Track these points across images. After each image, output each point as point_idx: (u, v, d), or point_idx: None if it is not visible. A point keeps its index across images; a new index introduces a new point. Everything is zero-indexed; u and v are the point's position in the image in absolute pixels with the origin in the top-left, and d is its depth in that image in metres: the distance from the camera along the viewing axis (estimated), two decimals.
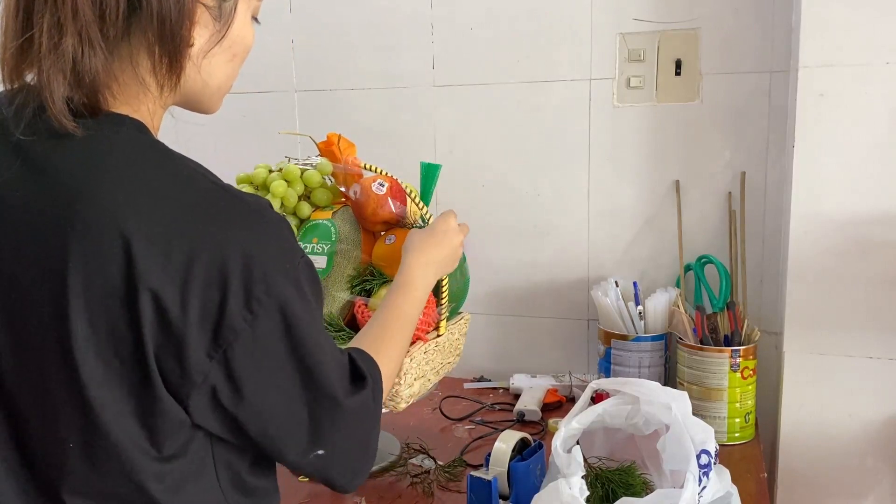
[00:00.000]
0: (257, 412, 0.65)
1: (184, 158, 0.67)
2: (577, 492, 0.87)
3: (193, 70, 0.68)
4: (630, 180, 1.47)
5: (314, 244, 1.16)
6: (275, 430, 0.67)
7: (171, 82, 0.66)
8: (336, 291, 1.14)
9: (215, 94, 0.73)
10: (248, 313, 0.61)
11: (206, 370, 0.61)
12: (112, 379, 0.60)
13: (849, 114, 1.18)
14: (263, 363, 0.64)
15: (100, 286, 0.58)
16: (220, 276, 0.60)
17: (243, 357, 0.62)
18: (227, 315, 0.60)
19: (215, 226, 0.61)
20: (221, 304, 0.60)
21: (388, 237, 1.16)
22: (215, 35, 0.68)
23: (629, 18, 1.41)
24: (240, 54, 0.73)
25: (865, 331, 1.22)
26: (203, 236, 0.60)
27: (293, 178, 1.16)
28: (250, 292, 0.61)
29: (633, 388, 0.98)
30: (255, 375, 0.64)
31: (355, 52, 1.60)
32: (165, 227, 0.59)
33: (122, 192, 0.60)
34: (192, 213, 0.61)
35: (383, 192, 1.15)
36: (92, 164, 0.62)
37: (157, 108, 0.70)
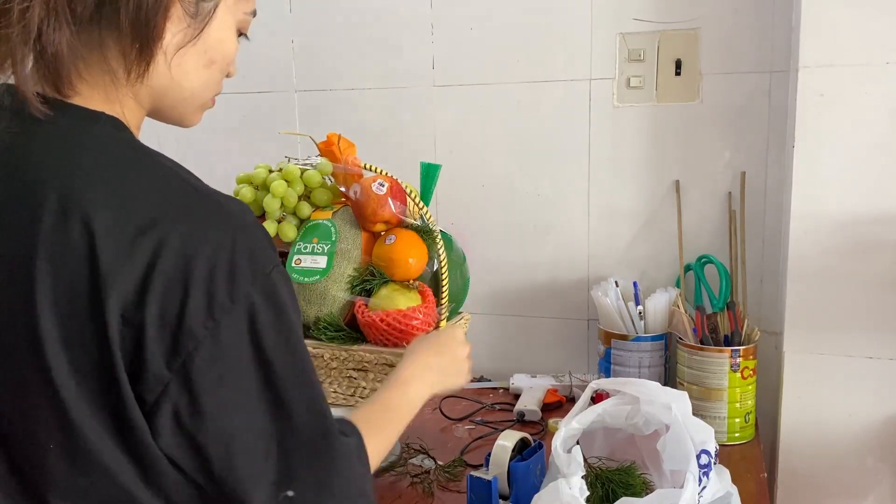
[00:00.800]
0: (219, 435, 0.59)
1: (160, 157, 0.65)
2: (578, 492, 0.87)
3: (164, 65, 0.66)
4: (630, 180, 1.47)
5: (314, 244, 1.16)
6: (239, 460, 0.60)
7: (139, 69, 0.65)
8: (336, 291, 1.14)
9: (189, 100, 0.71)
10: (210, 320, 0.58)
11: (164, 380, 0.57)
12: (83, 381, 0.57)
13: (849, 114, 1.18)
14: (227, 378, 0.59)
15: (66, 284, 0.57)
16: (182, 279, 0.57)
17: (204, 369, 0.58)
18: (186, 320, 0.57)
19: (182, 226, 0.59)
20: (182, 308, 0.57)
21: (389, 237, 1.16)
22: (188, 32, 0.66)
23: (629, 18, 1.41)
24: (218, 63, 0.71)
25: (865, 331, 1.22)
26: (168, 236, 0.58)
27: (293, 178, 1.16)
28: (213, 297, 0.58)
29: (633, 389, 0.98)
30: (218, 391, 0.59)
31: (355, 52, 1.60)
32: (132, 226, 0.58)
33: (92, 188, 0.59)
34: (160, 212, 0.59)
35: (383, 192, 1.15)
36: (64, 158, 0.61)
37: (129, 100, 0.68)
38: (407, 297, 1.12)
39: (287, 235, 1.16)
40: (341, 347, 1.11)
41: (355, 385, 1.13)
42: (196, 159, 1.74)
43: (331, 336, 1.12)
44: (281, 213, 1.17)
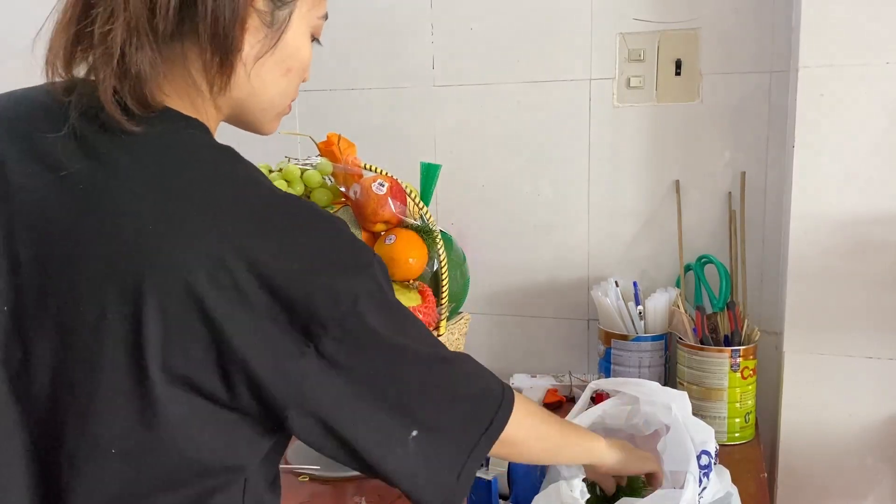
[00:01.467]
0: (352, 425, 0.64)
1: (248, 163, 0.68)
2: (578, 493, 0.87)
3: (244, 76, 0.68)
4: (630, 180, 1.47)
5: None
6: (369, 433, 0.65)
7: (221, 81, 0.66)
8: None
9: (268, 108, 0.73)
10: (336, 311, 0.61)
11: (302, 368, 0.61)
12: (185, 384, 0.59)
13: (849, 114, 1.18)
14: (366, 350, 0.63)
15: (180, 291, 0.58)
16: (306, 281, 0.60)
17: (340, 347, 0.62)
18: (315, 315, 0.60)
19: (294, 233, 0.62)
20: (309, 306, 0.60)
21: (389, 237, 1.16)
22: (266, 42, 0.67)
23: (629, 18, 1.41)
24: (295, 69, 0.72)
25: (865, 331, 1.22)
26: (283, 244, 0.61)
27: (293, 178, 1.16)
28: (337, 291, 0.61)
29: (633, 389, 0.98)
30: (361, 362, 0.63)
31: (355, 52, 1.60)
32: (247, 234, 0.60)
33: (195, 198, 0.60)
34: (272, 221, 0.62)
35: (383, 192, 1.15)
36: (161, 166, 0.62)
37: (211, 111, 0.69)
38: (407, 297, 1.12)
39: None
40: None
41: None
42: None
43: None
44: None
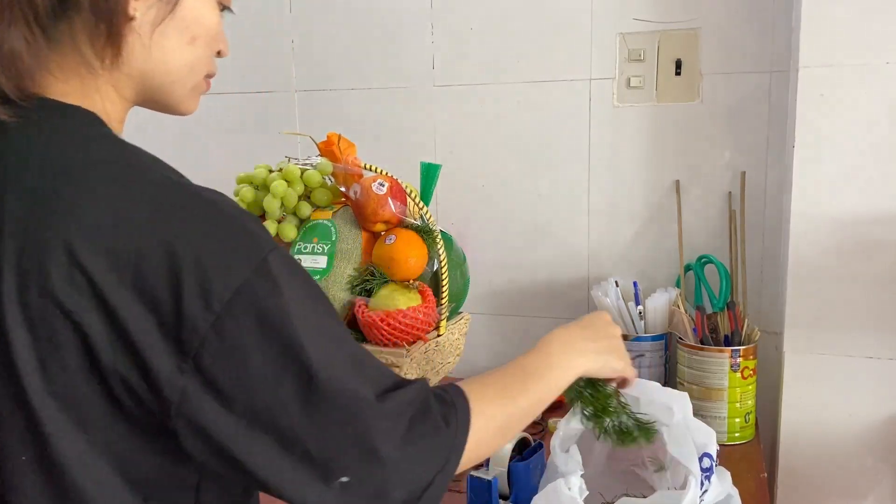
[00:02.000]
0: (251, 428, 0.57)
1: (136, 151, 0.63)
2: (577, 492, 0.87)
3: (142, 47, 0.64)
4: (630, 180, 1.47)
5: (314, 244, 1.16)
6: (269, 449, 0.57)
7: (112, 52, 0.63)
8: (336, 291, 1.14)
9: (178, 82, 0.69)
10: (209, 314, 0.55)
11: (180, 385, 0.55)
12: (57, 393, 0.55)
13: (849, 114, 1.18)
14: (244, 365, 0.56)
15: (36, 294, 0.54)
16: (172, 277, 0.55)
17: (218, 362, 0.56)
18: (186, 319, 0.55)
19: (164, 221, 0.56)
20: (177, 307, 0.55)
21: (389, 237, 1.16)
22: (162, 7, 0.64)
23: (629, 18, 1.41)
24: (201, 37, 0.68)
25: (865, 331, 1.22)
26: (150, 233, 0.56)
27: (293, 178, 1.16)
28: (209, 290, 0.55)
29: (634, 389, 0.98)
30: (238, 381, 0.56)
31: (355, 52, 1.59)
32: (110, 228, 0.55)
33: (65, 189, 0.57)
34: (139, 210, 0.57)
35: (384, 192, 1.15)
36: (33, 157, 0.59)
37: (109, 91, 0.65)
38: (407, 297, 1.12)
39: (287, 235, 1.16)
40: None
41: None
42: (196, 159, 1.74)
43: (350, 335, 1.12)
44: (281, 213, 1.18)
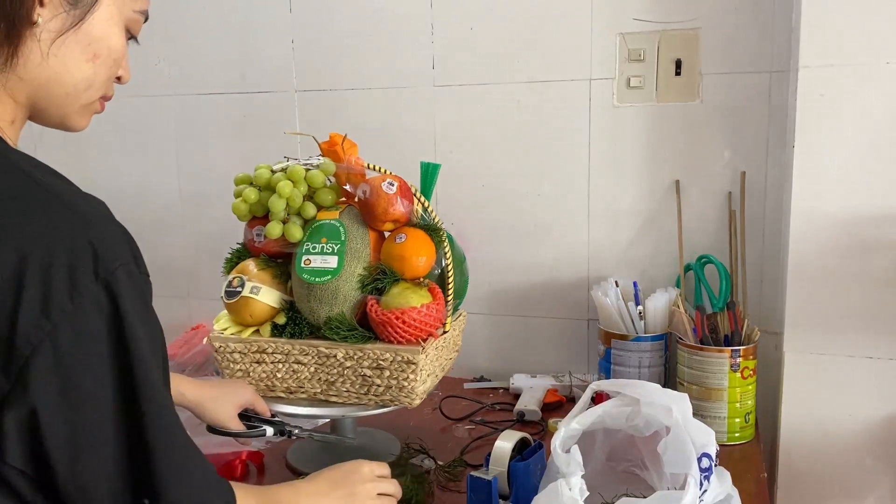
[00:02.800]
0: (66, 441, 0.56)
1: (9, 153, 0.62)
2: (577, 493, 0.87)
3: (40, 55, 0.64)
4: (630, 180, 1.47)
5: (323, 244, 1.16)
6: (85, 465, 0.57)
7: (7, 52, 0.62)
8: (348, 291, 1.14)
9: (71, 96, 0.68)
10: (45, 321, 0.54)
11: (4, 390, 0.54)
12: None
13: (849, 114, 1.18)
14: (70, 383, 0.56)
15: None
16: (14, 280, 0.54)
17: (43, 375, 0.55)
18: (20, 324, 0.54)
19: (13, 223, 0.55)
20: (14, 310, 0.54)
21: (399, 236, 1.17)
22: (66, 19, 0.64)
23: (629, 18, 1.41)
24: (102, 56, 0.68)
25: (865, 331, 1.22)
26: (2, 234, 0.55)
27: (298, 178, 1.16)
28: (49, 298, 0.54)
29: (634, 390, 0.98)
30: (61, 398, 0.55)
31: (355, 52, 1.59)
32: None
33: None
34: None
35: (393, 192, 1.16)
36: None
37: (1, 95, 0.65)
38: (419, 295, 1.14)
39: (293, 236, 1.16)
40: (356, 346, 1.12)
41: (369, 383, 1.13)
42: (195, 159, 1.74)
43: (343, 335, 1.12)
44: (285, 214, 1.17)
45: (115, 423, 0.59)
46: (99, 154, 1.79)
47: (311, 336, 1.16)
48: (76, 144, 1.77)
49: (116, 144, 1.77)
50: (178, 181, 1.77)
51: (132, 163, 1.78)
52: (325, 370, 1.14)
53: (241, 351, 1.16)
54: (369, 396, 1.14)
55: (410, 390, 1.12)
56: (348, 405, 1.16)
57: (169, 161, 1.76)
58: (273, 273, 1.19)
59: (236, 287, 1.16)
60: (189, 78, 1.71)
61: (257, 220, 1.21)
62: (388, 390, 1.13)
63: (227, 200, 1.22)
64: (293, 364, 1.15)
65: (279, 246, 1.19)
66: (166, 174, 1.77)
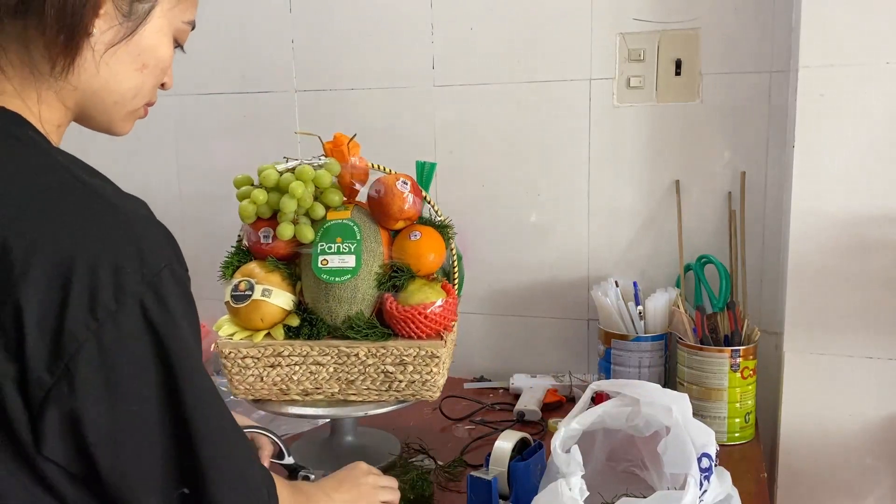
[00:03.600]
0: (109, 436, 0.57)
1: (53, 152, 0.63)
2: (577, 493, 0.87)
3: (93, 64, 0.66)
4: (630, 180, 1.47)
5: (339, 244, 1.16)
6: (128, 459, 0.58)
7: (64, 62, 0.64)
8: (366, 289, 1.15)
9: (119, 104, 0.70)
10: (92, 320, 0.55)
11: (46, 385, 0.55)
12: None
13: (849, 114, 1.18)
14: (114, 380, 0.57)
15: None
16: (63, 279, 0.55)
17: (89, 372, 0.56)
18: (67, 322, 0.55)
19: (62, 223, 0.57)
20: (61, 310, 0.55)
21: (413, 233, 1.18)
22: (120, 31, 0.66)
23: (629, 18, 1.41)
24: (150, 66, 0.70)
25: (865, 331, 1.22)
26: (45, 232, 0.56)
27: (306, 178, 1.16)
28: (96, 298, 0.55)
29: (634, 390, 0.98)
30: (105, 395, 0.57)
31: (355, 52, 1.59)
32: (6, 225, 0.56)
33: None
34: (38, 210, 0.57)
35: (408, 190, 1.17)
36: None
37: (51, 97, 0.66)
38: (436, 291, 1.15)
39: (305, 237, 1.16)
40: (378, 344, 1.12)
41: (391, 379, 1.13)
42: (195, 159, 1.74)
43: (364, 333, 1.12)
44: (295, 215, 1.17)
45: (161, 416, 0.60)
46: (99, 154, 1.79)
47: (328, 336, 1.16)
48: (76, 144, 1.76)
49: (116, 144, 1.77)
50: (177, 181, 1.77)
51: (132, 162, 1.78)
52: (345, 369, 1.14)
53: (255, 356, 1.14)
54: (390, 392, 1.14)
55: (433, 384, 1.13)
56: (368, 403, 1.15)
57: (169, 161, 1.76)
58: (282, 275, 1.18)
59: (245, 291, 1.14)
60: (189, 78, 1.71)
61: (263, 221, 1.19)
62: (410, 385, 1.13)
63: (228, 201, 1.21)
64: (311, 365, 1.14)
65: (290, 247, 1.18)
66: (166, 174, 1.77)
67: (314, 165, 1.18)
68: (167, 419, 0.60)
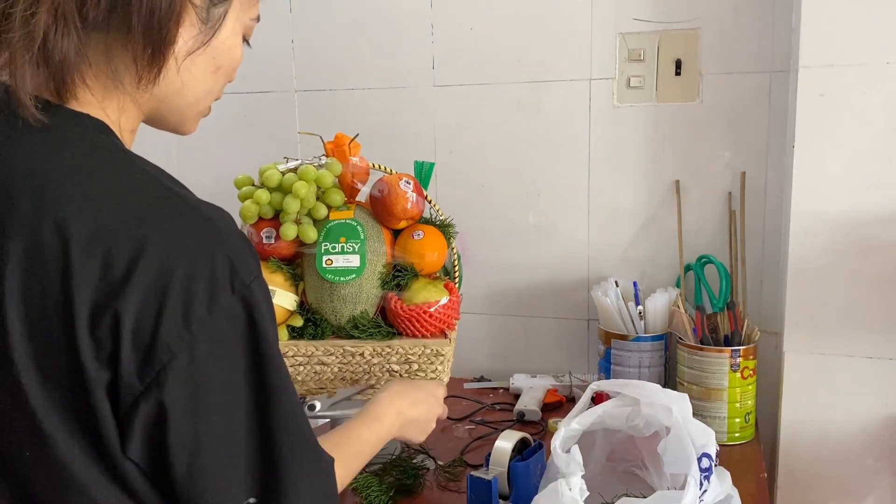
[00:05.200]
0: (190, 444, 0.58)
1: (140, 161, 0.64)
2: (577, 493, 0.87)
3: (174, 70, 0.66)
4: (630, 180, 1.47)
5: (343, 243, 1.16)
6: (205, 470, 0.59)
7: (150, 75, 0.64)
8: (370, 289, 1.15)
9: (193, 105, 0.71)
10: (186, 332, 0.56)
11: (136, 391, 0.56)
12: (52, 390, 0.57)
13: (849, 114, 1.18)
14: (203, 391, 0.58)
15: (37, 291, 0.56)
16: (159, 290, 0.56)
17: (179, 382, 0.57)
18: (161, 332, 0.56)
19: (160, 233, 0.57)
20: (157, 319, 0.56)
21: (416, 232, 1.18)
22: (199, 38, 0.66)
23: (629, 18, 1.41)
24: (224, 67, 0.71)
25: (865, 331, 1.22)
26: (144, 244, 0.56)
27: (309, 178, 1.16)
28: (190, 309, 0.56)
29: (634, 390, 0.98)
30: (192, 405, 0.58)
31: (355, 52, 1.59)
32: (106, 233, 0.56)
33: (66, 192, 0.58)
34: (136, 219, 0.58)
35: (410, 190, 1.17)
36: (41, 161, 0.60)
37: (129, 105, 0.67)
38: (439, 290, 1.16)
39: (309, 237, 1.16)
40: (383, 343, 1.13)
41: (396, 378, 1.14)
42: (195, 159, 1.74)
43: (369, 332, 1.13)
44: (297, 215, 1.17)
45: (247, 427, 0.60)
46: None
47: (332, 336, 1.16)
48: None
49: None
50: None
51: None
52: (349, 369, 1.14)
53: None
54: None
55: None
56: None
57: (169, 161, 1.76)
58: (285, 275, 1.18)
59: None
60: None
61: (265, 221, 1.19)
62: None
63: (227, 201, 1.20)
64: (315, 365, 1.15)
65: (293, 247, 1.18)
66: None
67: (316, 165, 1.19)
68: (253, 429, 0.61)
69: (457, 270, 1.22)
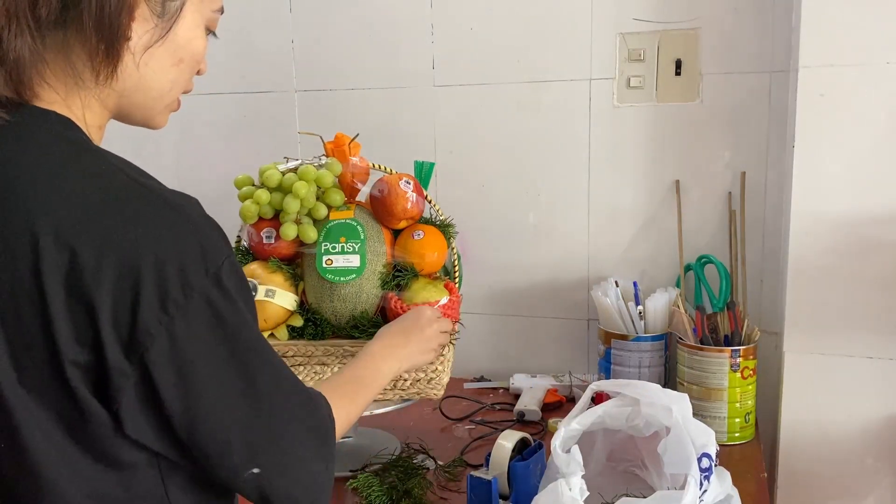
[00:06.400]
0: (188, 418, 0.62)
1: (107, 155, 0.65)
2: (577, 493, 0.87)
3: (132, 65, 0.67)
4: (630, 180, 1.47)
5: (343, 243, 1.16)
6: (205, 439, 0.63)
7: (107, 70, 0.65)
8: (370, 289, 1.15)
9: (157, 100, 0.72)
10: (163, 315, 0.59)
11: (127, 373, 0.59)
12: (27, 383, 0.59)
13: (849, 114, 1.18)
14: (186, 369, 0.61)
15: (9, 286, 0.58)
16: (132, 278, 0.58)
17: (162, 363, 0.60)
18: (140, 319, 0.59)
19: (127, 223, 0.60)
20: (134, 305, 0.58)
21: (416, 232, 1.18)
22: (156, 31, 0.67)
23: (629, 18, 1.41)
24: (186, 61, 0.71)
25: (865, 331, 1.22)
26: (112, 234, 0.59)
27: (309, 178, 1.16)
28: (166, 293, 0.59)
29: (634, 390, 0.98)
30: (179, 382, 0.61)
31: (355, 52, 1.59)
32: (75, 226, 0.58)
33: (34, 188, 0.60)
34: (103, 211, 0.60)
35: (410, 190, 1.17)
36: (8, 158, 0.61)
37: (93, 102, 0.68)
38: (439, 290, 1.15)
39: (309, 237, 1.16)
40: None
41: (396, 378, 1.13)
42: (195, 159, 1.74)
43: (369, 332, 1.13)
44: (297, 215, 1.17)
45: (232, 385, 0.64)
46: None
47: (332, 336, 1.15)
48: None
49: (115, 144, 1.76)
50: (177, 181, 1.77)
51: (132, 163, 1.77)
52: None
53: None
54: (395, 391, 1.14)
55: (437, 382, 1.14)
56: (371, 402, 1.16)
57: (169, 161, 1.76)
58: (285, 275, 1.18)
59: None
60: None
61: (265, 221, 1.19)
62: (415, 383, 1.14)
63: (227, 201, 1.21)
64: (315, 366, 1.15)
65: (292, 247, 1.18)
66: (166, 174, 1.76)
67: (316, 165, 1.19)
68: (238, 386, 0.64)
69: (457, 270, 1.22)
